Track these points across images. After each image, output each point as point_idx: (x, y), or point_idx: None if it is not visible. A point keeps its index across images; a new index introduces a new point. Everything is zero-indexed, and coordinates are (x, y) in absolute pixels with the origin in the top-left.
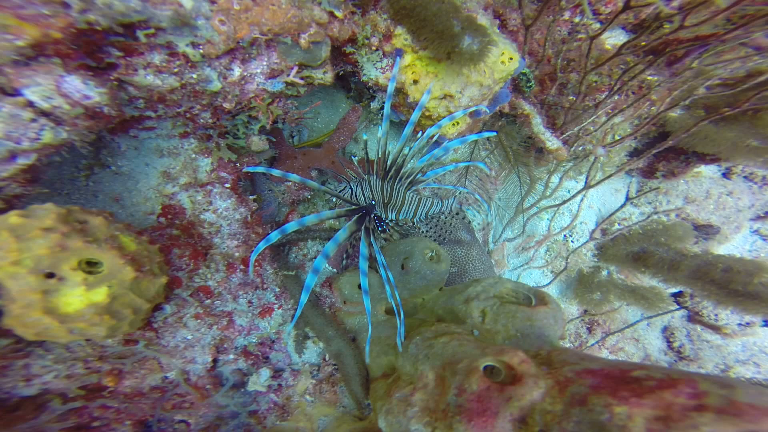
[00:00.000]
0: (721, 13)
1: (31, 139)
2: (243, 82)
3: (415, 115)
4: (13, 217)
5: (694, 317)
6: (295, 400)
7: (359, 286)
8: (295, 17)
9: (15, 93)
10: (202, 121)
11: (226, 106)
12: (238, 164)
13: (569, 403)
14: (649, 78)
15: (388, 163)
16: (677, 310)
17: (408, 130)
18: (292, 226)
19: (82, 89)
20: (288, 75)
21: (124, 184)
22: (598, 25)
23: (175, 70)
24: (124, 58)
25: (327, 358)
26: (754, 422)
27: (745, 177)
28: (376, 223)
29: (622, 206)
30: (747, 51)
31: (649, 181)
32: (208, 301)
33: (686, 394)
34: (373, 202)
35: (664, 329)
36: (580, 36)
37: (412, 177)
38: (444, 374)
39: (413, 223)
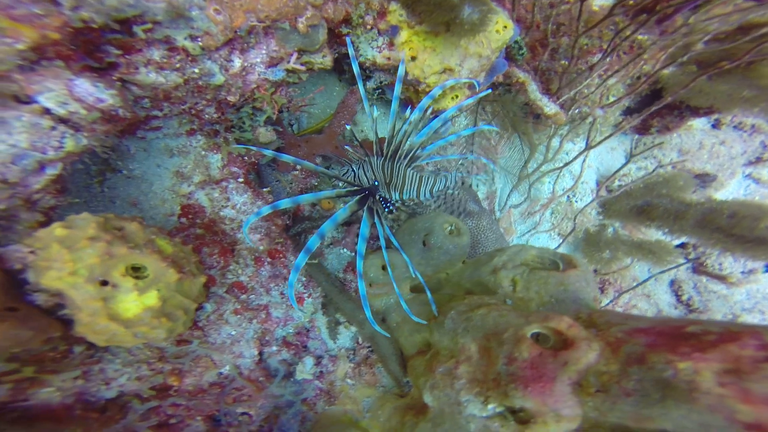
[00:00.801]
0: None
1: (55, 148)
2: (244, 73)
3: (424, 102)
4: (58, 229)
5: (699, 268)
6: (338, 385)
7: (383, 267)
8: (291, 1)
9: (29, 101)
10: (207, 116)
11: (231, 99)
12: (245, 158)
13: (626, 362)
14: (639, 38)
15: (394, 142)
16: (685, 264)
17: (415, 114)
18: (285, 203)
19: (93, 92)
20: (288, 62)
21: (138, 188)
22: None
23: (177, 65)
24: (124, 56)
25: (360, 341)
26: None
27: (735, 126)
28: (383, 204)
29: (624, 165)
30: (736, 3)
31: (643, 138)
32: (244, 296)
33: (753, 345)
34: (377, 183)
35: (671, 283)
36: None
37: (411, 153)
38: (489, 345)
39: (421, 202)
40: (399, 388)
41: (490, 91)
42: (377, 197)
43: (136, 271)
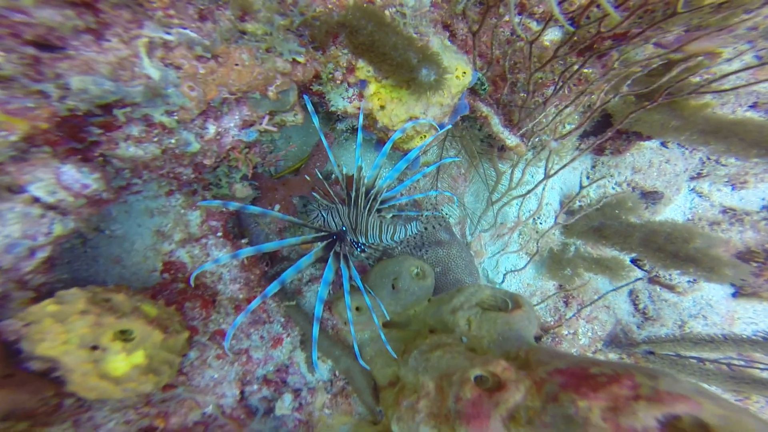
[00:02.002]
0: (622, 23)
1: (45, 234)
2: (219, 138)
3: (387, 146)
4: (50, 306)
5: (653, 279)
6: (316, 415)
7: (357, 308)
8: (260, 75)
9: (21, 190)
10: (185, 177)
11: (207, 162)
12: (223, 209)
13: (545, 400)
14: (585, 71)
15: (362, 188)
16: (637, 280)
17: (381, 158)
18: (247, 251)
19: (79, 178)
20: (261, 124)
21: (120, 246)
22: (535, 24)
23: (155, 138)
24: (104, 134)
25: (337, 374)
26: (670, 406)
27: (678, 143)
28: (354, 245)
29: (578, 193)
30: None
31: (600, 158)
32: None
33: (627, 386)
34: (344, 228)
35: (630, 293)
36: (520, 38)
37: (371, 199)
38: (442, 384)
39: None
40: (373, 416)
41: (450, 126)
42: (348, 239)
43: (123, 334)
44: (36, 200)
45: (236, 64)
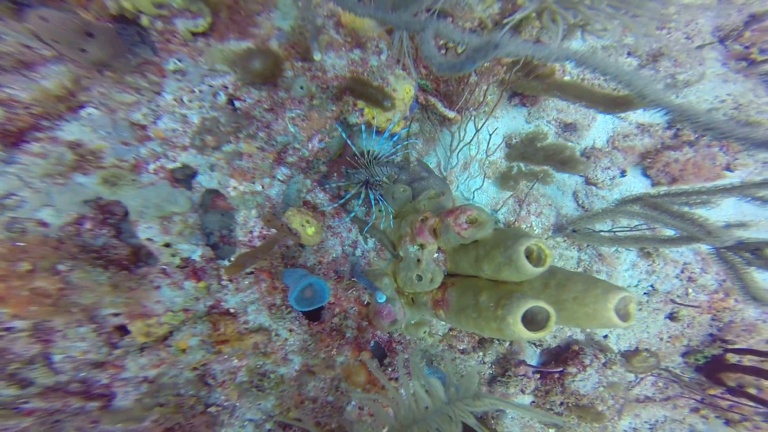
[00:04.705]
0: None
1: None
2: (313, 147)
3: (386, 135)
4: (289, 211)
5: (588, 180)
6: (372, 259)
7: (379, 210)
8: (322, 119)
9: None
10: (303, 165)
11: (310, 158)
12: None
13: (441, 222)
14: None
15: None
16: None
17: (379, 140)
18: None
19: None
20: (324, 139)
21: (289, 196)
22: None
23: (295, 153)
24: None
25: (376, 243)
26: (467, 212)
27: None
28: (377, 179)
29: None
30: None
31: (531, 108)
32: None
33: (460, 210)
34: (368, 178)
35: (573, 193)
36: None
37: (375, 159)
38: (411, 228)
39: (393, 176)
40: (394, 258)
41: (410, 115)
42: (370, 182)
43: (308, 222)
44: None
45: (314, 118)
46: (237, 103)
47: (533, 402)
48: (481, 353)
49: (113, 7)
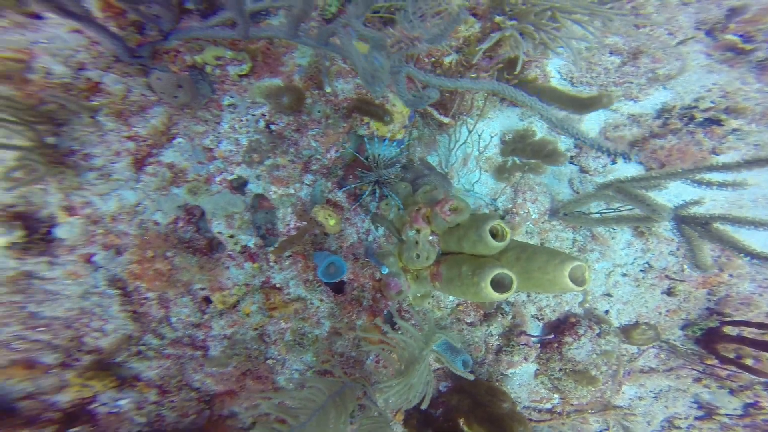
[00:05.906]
0: None
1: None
2: (332, 157)
3: (394, 144)
4: (315, 208)
5: (582, 169)
6: (381, 243)
7: (386, 204)
8: (336, 135)
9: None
10: (324, 171)
11: (330, 165)
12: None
13: (432, 210)
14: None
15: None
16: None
17: (387, 149)
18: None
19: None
20: (341, 149)
21: (315, 195)
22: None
23: (317, 163)
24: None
25: (384, 231)
26: (449, 202)
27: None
28: (385, 177)
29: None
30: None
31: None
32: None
33: (444, 202)
34: (376, 177)
35: (569, 180)
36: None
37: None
38: (409, 216)
39: (397, 176)
40: (399, 240)
41: (408, 123)
42: (382, 179)
43: (330, 215)
44: None
45: (330, 134)
46: (272, 127)
47: (537, 370)
48: (486, 326)
49: (189, 60)
